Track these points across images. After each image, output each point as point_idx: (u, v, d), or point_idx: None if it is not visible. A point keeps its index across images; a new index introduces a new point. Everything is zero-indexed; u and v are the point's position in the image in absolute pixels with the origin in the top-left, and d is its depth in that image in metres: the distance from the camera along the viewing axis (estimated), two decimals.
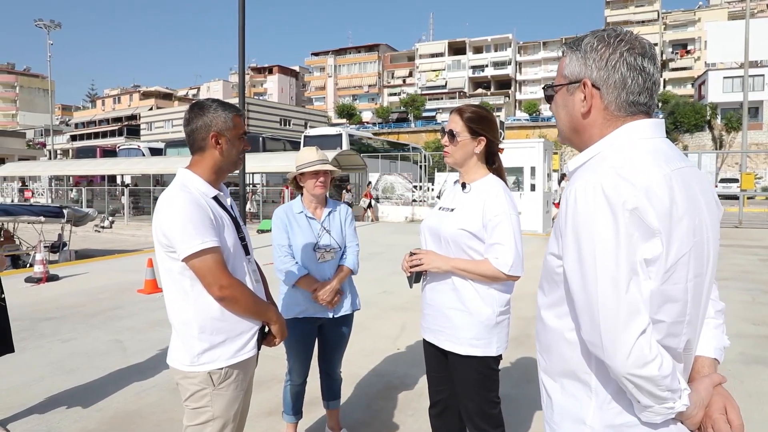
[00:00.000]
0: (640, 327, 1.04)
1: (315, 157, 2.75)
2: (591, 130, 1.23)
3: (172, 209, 1.81)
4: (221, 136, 1.92)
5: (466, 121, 2.18)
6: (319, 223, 2.80)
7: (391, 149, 31.25)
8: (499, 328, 2.13)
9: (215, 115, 1.91)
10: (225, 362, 1.88)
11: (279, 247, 2.73)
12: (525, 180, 15.05)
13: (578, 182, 1.11)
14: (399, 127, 67.82)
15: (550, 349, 1.28)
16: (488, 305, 2.10)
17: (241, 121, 2.00)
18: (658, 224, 1.04)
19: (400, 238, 13.32)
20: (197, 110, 1.93)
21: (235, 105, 2.01)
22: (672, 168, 1.10)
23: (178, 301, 1.87)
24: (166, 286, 1.91)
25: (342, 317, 2.83)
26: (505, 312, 2.16)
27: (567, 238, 1.12)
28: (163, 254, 1.86)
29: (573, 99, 1.26)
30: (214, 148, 1.93)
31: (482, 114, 2.20)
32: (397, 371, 4.25)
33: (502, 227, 2.05)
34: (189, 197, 1.83)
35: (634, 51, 1.17)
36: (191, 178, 1.92)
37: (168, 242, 1.81)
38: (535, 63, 73.86)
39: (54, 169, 33.38)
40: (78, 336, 5.22)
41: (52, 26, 49.48)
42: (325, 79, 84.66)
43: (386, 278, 7.70)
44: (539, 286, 1.35)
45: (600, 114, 1.21)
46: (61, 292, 7.26)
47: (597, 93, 1.20)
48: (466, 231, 2.10)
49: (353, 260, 2.88)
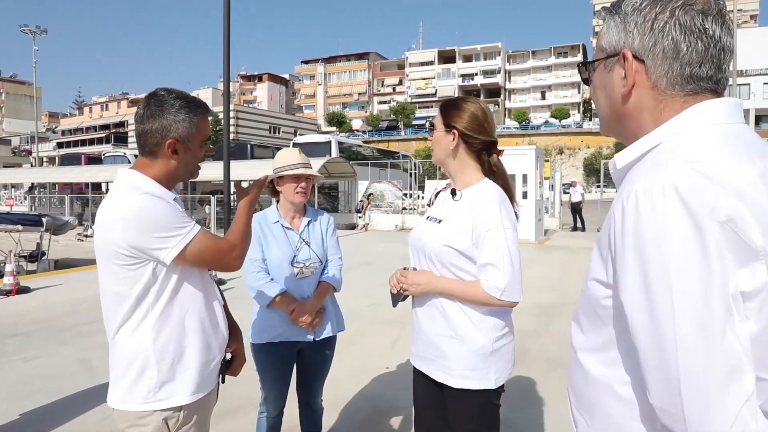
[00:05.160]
0: (744, 391, 0.72)
1: (297, 159, 2.45)
2: (639, 117, 0.94)
3: (133, 211, 1.50)
4: (181, 144, 1.60)
5: (440, 111, 1.90)
6: (297, 234, 2.49)
7: (381, 157, 30.98)
8: (497, 356, 1.81)
9: (176, 119, 1.58)
10: (187, 398, 1.59)
11: (251, 262, 2.41)
12: (517, 187, 14.83)
13: (638, 183, 0.81)
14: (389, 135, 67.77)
15: (592, 409, 0.97)
16: (482, 332, 1.79)
17: (208, 123, 1.68)
18: (763, 242, 0.74)
19: (390, 246, 12.98)
20: (155, 107, 1.58)
21: (203, 103, 1.67)
22: (766, 163, 0.81)
23: (133, 328, 1.56)
24: (113, 308, 1.59)
25: (324, 340, 2.52)
26: (504, 337, 1.84)
27: (625, 261, 0.81)
28: (119, 269, 1.53)
29: (612, 77, 0.97)
30: (169, 157, 1.61)
31: (454, 101, 1.89)
32: (387, 394, 3.93)
33: (494, 245, 1.73)
34: (145, 194, 1.53)
35: (691, 8, 0.87)
36: (142, 180, 1.59)
37: (135, 252, 1.50)
38: (524, 71, 74.29)
39: (37, 176, 32.71)
40: (44, 354, 4.84)
41: (37, 32, 48.74)
42: (315, 86, 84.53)
43: (375, 289, 7.37)
44: (574, 320, 1.04)
45: (648, 95, 0.92)
46: (32, 305, 6.86)
47: (641, 67, 0.91)
48: (452, 248, 1.78)
49: (336, 276, 2.57)
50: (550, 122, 69.94)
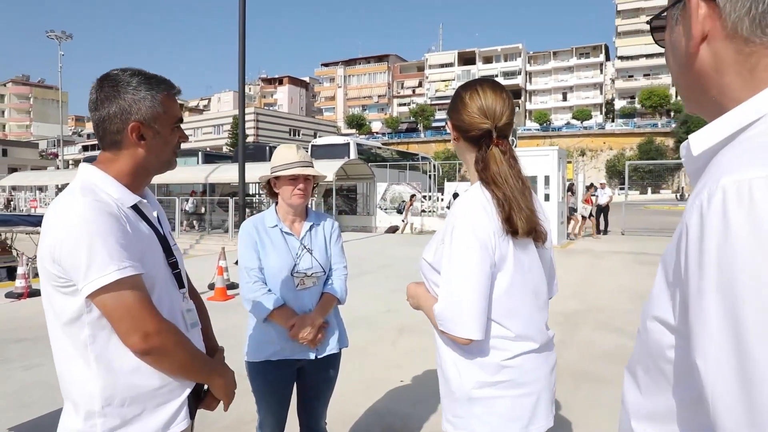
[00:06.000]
0: None
1: (294, 157, 2.20)
2: (720, 80, 0.66)
3: (71, 221, 1.23)
4: (147, 128, 1.35)
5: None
6: (298, 240, 2.24)
7: (400, 159, 30.72)
8: (483, 408, 1.39)
9: (136, 98, 1.32)
10: None
11: (247, 271, 2.16)
12: (539, 189, 14.43)
13: (727, 178, 0.54)
14: (408, 137, 67.48)
15: None
16: (461, 373, 1.42)
17: (175, 102, 1.42)
18: None
19: (409, 250, 12.70)
20: (108, 89, 1.33)
21: (165, 79, 1.41)
22: None
23: (72, 361, 1.30)
24: (55, 338, 1.33)
25: (326, 358, 2.26)
26: (497, 386, 1.39)
27: (702, 297, 0.54)
28: (51, 290, 1.29)
29: (678, 32, 0.70)
30: (135, 145, 1.35)
31: (456, 91, 1.55)
32: (400, 410, 3.66)
33: (444, 262, 1.39)
34: (96, 204, 1.25)
35: None
36: (100, 179, 1.33)
37: (62, 272, 1.24)
38: (545, 73, 73.32)
39: (61, 178, 33.22)
40: (47, 362, 4.68)
41: (63, 37, 49.76)
42: (335, 89, 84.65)
43: (391, 294, 7.10)
44: (628, 371, 0.77)
45: (726, 48, 0.64)
46: (41, 309, 6.74)
47: (712, 10, 0.64)
48: (425, 260, 1.51)
49: (340, 287, 2.31)
50: (572, 123, 68.86)
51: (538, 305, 1.47)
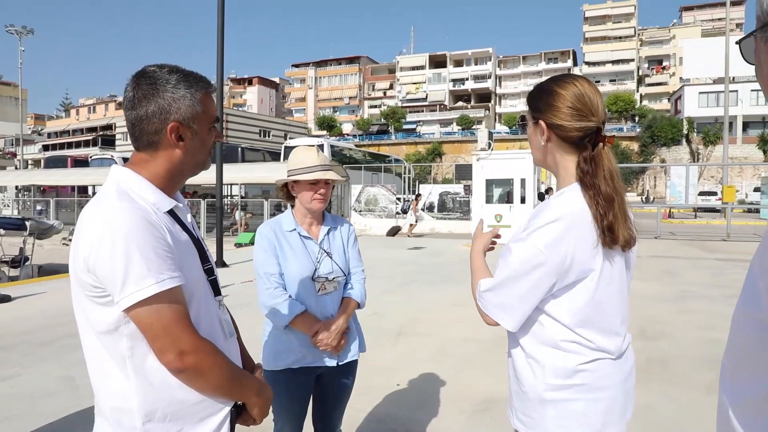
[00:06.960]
0: None
1: (315, 160, 2.14)
2: None
3: (106, 229, 1.14)
4: (186, 128, 1.27)
5: (527, 99, 1.51)
6: (317, 244, 2.18)
7: (373, 161, 30.69)
8: (557, 410, 1.36)
9: (176, 96, 1.25)
10: None
11: (267, 277, 2.09)
12: (515, 192, 14.62)
13: None
14: (379, 139, 67.47)
15: None
16: (532, 370, 1.39)
17: (213, 101, 1.35)
18: None
19: (386, 252, 12.67)
20: (146, 86, 1.25)
21: (204, 77, 1.34)
22: None
23: (110, 373, 1.21)
24: (90, 349, 1.24)
25: (347, 365, 2.20)
26: (572, 389, 1.35)
27: None
28: (86, 299, 1.20)
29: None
30: (173, 146, 1.27)
31: (541, 85, 1.48)
32: (400, 415, 3.62)
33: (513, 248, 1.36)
34: (134, 211, 1.17)
35: None
36: (136, 182, 1.25)
37: (96, 281, 1.15)
38: (515, 77, 74.41)
39: (21, 179, 32.01)
40: (23, 371, 4.46)
41: (24, 32, 48.04)
42: (306, 90, 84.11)
43: (377, 298, 7.06)
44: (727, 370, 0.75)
45: None
46: (12, 315, 6.46)
47: None
48: None
49: (360, 291, 2.26)
50: None
51: (621, 316, 1.42)
